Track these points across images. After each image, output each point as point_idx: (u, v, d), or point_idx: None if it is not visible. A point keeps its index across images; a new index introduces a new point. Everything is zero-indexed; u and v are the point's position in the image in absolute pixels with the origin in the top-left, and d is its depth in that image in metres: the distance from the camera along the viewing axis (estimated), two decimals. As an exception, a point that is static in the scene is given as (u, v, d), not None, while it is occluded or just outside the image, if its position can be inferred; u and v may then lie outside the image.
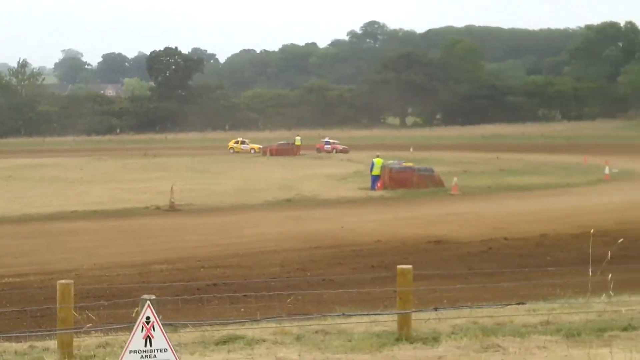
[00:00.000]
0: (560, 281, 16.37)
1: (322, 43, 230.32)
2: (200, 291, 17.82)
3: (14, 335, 11.65)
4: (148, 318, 6.90)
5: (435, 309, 10.56)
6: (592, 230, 17.28)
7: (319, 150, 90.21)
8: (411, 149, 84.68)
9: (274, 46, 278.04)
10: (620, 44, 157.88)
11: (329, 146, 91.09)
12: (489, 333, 10.78)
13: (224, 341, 10.80)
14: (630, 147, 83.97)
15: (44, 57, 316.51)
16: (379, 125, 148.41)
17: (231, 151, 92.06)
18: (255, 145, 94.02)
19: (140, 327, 6.88)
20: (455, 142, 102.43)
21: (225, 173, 58.86)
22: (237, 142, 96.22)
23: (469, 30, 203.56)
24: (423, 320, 11.44)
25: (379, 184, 44.13)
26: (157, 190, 42.44)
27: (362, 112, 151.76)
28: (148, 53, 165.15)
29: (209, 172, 60.31)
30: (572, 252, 23.07)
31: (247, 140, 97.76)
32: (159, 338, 6.94)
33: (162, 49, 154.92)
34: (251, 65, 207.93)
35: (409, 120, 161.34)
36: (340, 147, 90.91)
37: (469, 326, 11.32)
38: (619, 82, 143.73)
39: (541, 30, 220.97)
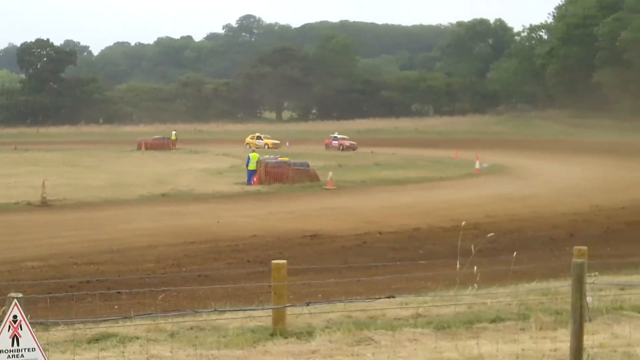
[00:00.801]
0: (432, 274, 16.73)
1: (198, 36, 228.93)
2: (72, 288, 17.47)
3: None
4: (15, 317, 6.76)
5: (308, 304, 10.64)
6: (463, 223, 17.74)
7: (327, 146, 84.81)
8: (287, 143, 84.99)
9: (149, 39, 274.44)
10: (490, 41, 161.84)
11: (337, 142, 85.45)
12: (362, 327, 10.92)
13: (96, 339, 10.64)
14: (500, 141, 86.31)
15: None
16: (256, 120, 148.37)
17: (247, 147, 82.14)
18: (270, 141, 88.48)
19: (7, 326, 6.74)
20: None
21: (98, 167, 57.82)
22: (253, 138, 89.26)
23: (344, 26, 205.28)
24: (297, 315, 11.52)
25: (254, 179, 44.11)
26: (28, 185, 41.33)
27: (238, 106, 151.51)
28: (18, 44, 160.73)
29: (82, 166, 59.10)
30: (444, 245, 23.55)
31: (262, 135, 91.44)
32: (27, 337, 6.81)
33: (33, 40, 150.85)
34: (126, 58, 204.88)
35: (285, 114, 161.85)
36: (347, 143, 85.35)
37: (342, 320, 11.44)
38: (489, 78, 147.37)
39: (414, 27, 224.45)
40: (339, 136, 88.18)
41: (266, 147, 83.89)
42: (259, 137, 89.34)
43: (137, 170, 53.94)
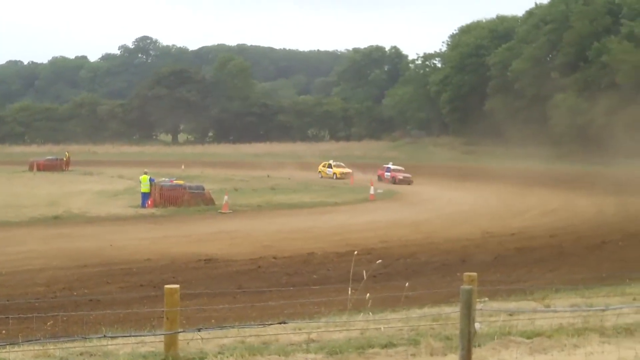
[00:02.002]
0: (325, 299, 16.81)
1: (93, 57, 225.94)
2: (-41, 314, 17.02)
3: None
4: None
5: (199, 329, 10.58)
6: (355, 252, 17.89)
7: (380, 178, 72.28)
8: (182, 166, 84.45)
9: (43, 58, 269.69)
10: (386, 68, 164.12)
11: (390, 174, 72.15)
12: (255, 352, 10.88)
13: (-18, 365, 10.39)
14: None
15: None
16: (151, 142, 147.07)
17: (320, 176, 76.83)
18: (338, 170, 77.08)
19: None
20: (228, 160, 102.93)
21: (-13, 188, 56.41)
22: (325, 166, 79.45)
23: (242, 49, 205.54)
24: (189, 340, 11.43)
25: (149, 202, 43.69)
26: None
27: (133, 127, 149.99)
28: None
29: (-29, 187, 57.61)
30: (338, 271, 23.75)
31: (333, 164, 79.77)
32: None
33: None
34: (18, 77, 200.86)
35: (181, 137, 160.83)
36: (401, 175, 71.19)
37: (235, 345, 11.38)
38: (384, 105, 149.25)
39: (311, 52, 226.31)
40: (392, 167, 74.11)
41: (334, 177, 75.40)
42: (329, 166, 78.20)
43: (29, 192, 52.79)
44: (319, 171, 78.90)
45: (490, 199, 52.19)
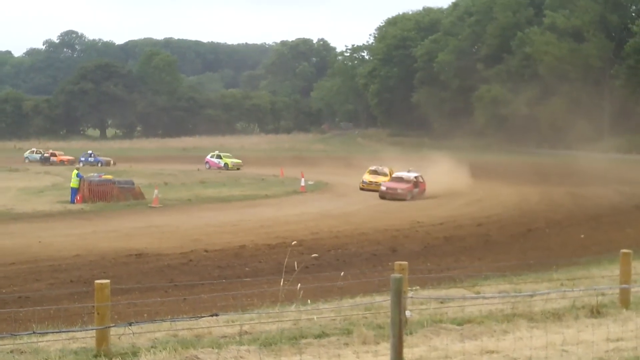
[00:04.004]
0: (257, 291, 16.86)
1: (17, 52, 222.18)
2: None
3: None
4: None
5: (130, 324, 10.55)
6: (293, 243, 17.98)
7: None
8: (112, 162, 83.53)
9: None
10: (314, 60, 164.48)
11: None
12: (188, 345, 10.88)
13: None
14: (323, 159, 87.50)
15: None
16: (79, 137, 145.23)
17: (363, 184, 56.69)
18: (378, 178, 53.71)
19: None
20: (156, 154, 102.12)
21: None
22: (372, 173, 55.61)
23: (168, 43, 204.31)
24: (121, 335, 11.39)
25: (78, 197, 43.17)
26: None
27: (59, 123, 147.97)
28: None
29: None
30: (269, 263, 23.84)
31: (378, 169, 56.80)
32: None
33: None
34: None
35: (109, 132, 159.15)
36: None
37: (168, 339, 11.37)
38: (312, 97, 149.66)
39: (239, 45, 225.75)
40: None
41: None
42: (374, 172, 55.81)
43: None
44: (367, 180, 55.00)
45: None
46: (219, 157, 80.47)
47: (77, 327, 13.09)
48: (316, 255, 19.29)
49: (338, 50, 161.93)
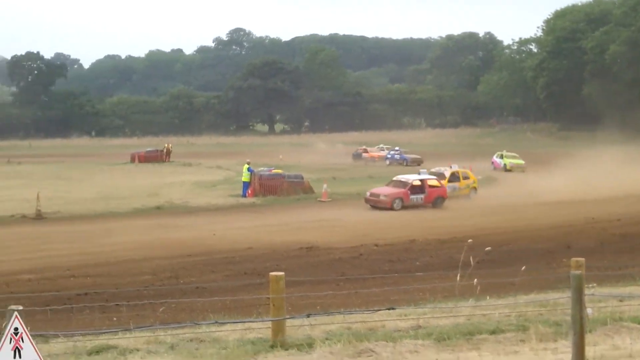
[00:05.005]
0: (429, 286, 16.74)
1: (188, 49, 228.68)
2: (70, 301, 17.47)
3: None
4: (16, 329, 6.76)
5: (308, 316, 10.63)
6: (469, 240, 17.74)
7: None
8: (280, 156, 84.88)
9: (140, 52, 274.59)
10: (480, 54, 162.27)
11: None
12: (362, 338, 10.87)
13: (97, 351, 10.57)
14: (488, 154, 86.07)
15: None
16: (248, 132, 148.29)
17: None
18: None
19: (8, 339, 6.74)
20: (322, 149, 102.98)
21: (91, 180, 57.59)
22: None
23: (334, 39, 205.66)
24: (296, 326, 11.49)
25: (249, 191, 44.08)
26: (22, 198, 41.16)
27: (229, 118, 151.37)
28: (9, 57, 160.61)
29: (75, 179, 58.89)
30: (440, 257, 23.65)
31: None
32: (28, 349, 6.81)
33: (23, 53, 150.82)
34: (116, 71, 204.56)
35: (278, 127, 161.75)
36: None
37: (342, 332, 11.39)
38: (479, 91, 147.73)
39: (404, 40, 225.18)
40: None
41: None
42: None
43: (130, 183, 53.77)
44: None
45: (590, 184, 51.08)
46: (501, 156, 73.29)
47: (252, 317, 13.30)
48: (489, 248, 18.94)
49: (505, 43, 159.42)
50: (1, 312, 7.17)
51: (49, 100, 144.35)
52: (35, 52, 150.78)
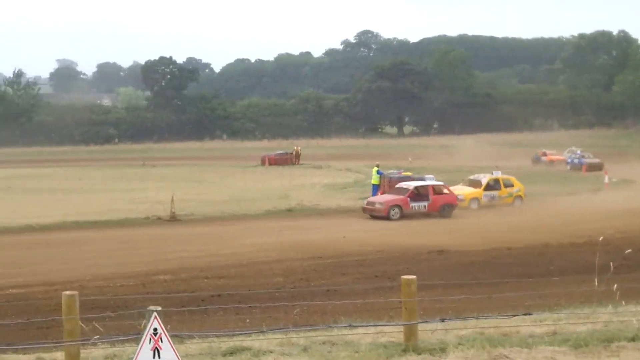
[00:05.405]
0: (565, 291, 16.34)
1: (317, 52, 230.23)
2: (204, 302, 17.79)
3: (21, 347, 11.57)
4: (155, 329, 6.90)
5: (442, 320, 10.52)
6: (600, 238, 17.29)
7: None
8: (410, 159, 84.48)
9: (269, 55, 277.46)
10: (614, 53, 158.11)
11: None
12: (496, 344, 10.71)
13: (231, 352, 10.70)
14: (627, 155, 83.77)
15: (39, 66, 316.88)
16: (377, 135, 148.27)
17: None
18: None
19: (148, 339, 6.88)
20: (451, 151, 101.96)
21: (223, 182, 58.71)
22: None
23: (462, 39, 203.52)
24: (429, 330, 11.38)
25: (379, 193, 44.03)
26: (156, 200, 42.17)
27: (358, 120, 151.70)
28: (143, 62, 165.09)
29: (207, 181, 60.12)
30: (575, 262, 23.08)
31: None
32: (167, 349, 6.95)
33: (156, 58, 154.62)
34: (246, 75, 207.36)
35: (407, 129, 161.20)
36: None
37: (475, 337, 11.23)
38: (614, 91, 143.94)
39: (534, 39, 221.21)
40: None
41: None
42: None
43: (261, 185, 54.52)
44: None
45: None
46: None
47: (383, 321, 13.25)
48: (629, 250, 18.37)
49: None
50: (140, 312, 7.32)
51: (182, 104, 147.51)
52: (168, 57, 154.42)
